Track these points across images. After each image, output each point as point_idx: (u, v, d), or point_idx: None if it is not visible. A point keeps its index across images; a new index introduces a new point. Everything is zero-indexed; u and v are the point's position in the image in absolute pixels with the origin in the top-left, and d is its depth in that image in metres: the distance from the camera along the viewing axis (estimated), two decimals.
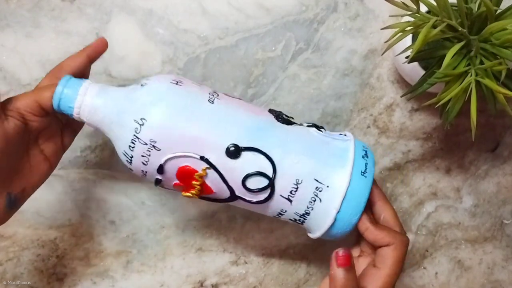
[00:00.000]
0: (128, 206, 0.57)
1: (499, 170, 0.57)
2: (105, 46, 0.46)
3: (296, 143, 0.42)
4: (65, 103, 0.41)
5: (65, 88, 0.41)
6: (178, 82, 0.41)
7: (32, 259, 0.57)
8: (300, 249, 0.58)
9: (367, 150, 0.44)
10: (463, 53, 0.43)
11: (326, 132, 0.45)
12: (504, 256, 0.58)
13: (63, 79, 0.41)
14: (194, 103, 0.40)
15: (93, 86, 0.41)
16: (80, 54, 0.45)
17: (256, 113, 0.43)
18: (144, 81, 0.42)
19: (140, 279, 0.57)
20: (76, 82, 0.41)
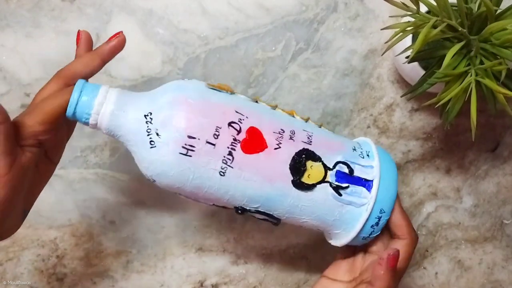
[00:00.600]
0: (128, 206, 0.57)
1: (499, 170, 0.57)
2: (124, 43, 0.42)
3: (305, 210, 0.42)
4: (82, 110, 0.38)
5: (81, 94, 0.38)
6: (188, 151, 0.38)
7: (32, 259, 0.57)
8: (300, 249, 0.58)
9: (383, 214, 0.42)
10: (463, 53, 0.43)
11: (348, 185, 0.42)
12: (504, 256, 0.58)
13: (78, 84, 0.38)
14: (202, 179, 0.39)
15: (112, 91, 0.39)
16: (94, 58, 0.41)
17: (272, 180, 0.40)
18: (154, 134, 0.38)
19: (140, 279, 0.57)
20: (93, 87, 0.38)
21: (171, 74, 0.54)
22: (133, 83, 0.54)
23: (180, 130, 0.37)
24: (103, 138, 0.55)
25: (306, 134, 0.42)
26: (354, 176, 0.42)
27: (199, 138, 0.38)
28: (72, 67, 0.40)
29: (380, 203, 0.42)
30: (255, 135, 0.40)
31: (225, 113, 0.39)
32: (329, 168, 0.41)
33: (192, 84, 0.41)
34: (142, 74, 0.55)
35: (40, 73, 0.54)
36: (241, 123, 0.39)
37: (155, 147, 0.38)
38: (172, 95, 0.39)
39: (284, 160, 0.40)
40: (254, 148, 0.39)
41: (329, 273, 0.47)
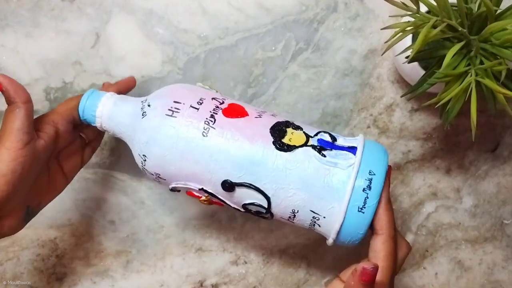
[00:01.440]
0: (127, 206, 0.57)
1: (499, 170, 0.57)
2: (133, 84, 0.51)
3: (291, 176, 0.40)
4: (88, 112, 0.45)
5: (88, 99, 0.45)
6: (173, 112, 0.42)
7: (32, 258, 0.57)
8: (300, 249, 0.58)
9: (373, 176, 0.40)
10: (463, 53, 0.42)
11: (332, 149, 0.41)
12: (504, 256, 0.58)
13: (87, 92, 0.45)
14: (187, 140, 0.41)
15: (112, 97, 0.45)
16: (112, 86, 0.49)
17: (253, 139, 0.41)
18: (146, 106, 0.43)
19: (139, 278, 0.57)
20: (98, 94, 0.45)
21: (171, 74, 0.54)
22: None
23: (167, 97, 0.43)
24: (103, 138, 0.55)
25: (287, 119, 0.44)
26: (337, 144, 0.42)
27: (183, 103, 0.42)
28: None
29: (368, 164, 0.40)
30: (237, 107, 0.44)
31: (208, 93, 0.44)
32: (311, 136, 0.42)
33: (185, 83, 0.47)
34: (142, 74, 0.55)
35: (40, 73, 0.54)
36: (224, 101, 0.44)
37: (146, 116, 0.42)
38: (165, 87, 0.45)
39: (265, 124, 0.42)
40: (235, 114, 0.43)
41: (344, 276, 0.44)
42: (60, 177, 0.46)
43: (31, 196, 0.42)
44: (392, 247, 0.40)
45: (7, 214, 0.40)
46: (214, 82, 0.55)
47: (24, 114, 0.39)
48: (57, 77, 0.54)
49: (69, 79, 0.55)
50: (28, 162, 0.39)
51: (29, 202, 0.42)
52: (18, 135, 0.39)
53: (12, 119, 0.39)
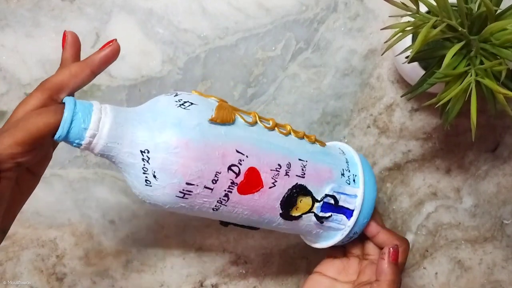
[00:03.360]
0: (127, 206, 0.57)
1: (499, 170, 0.57)
2: (117, 53, 0.38)
3: (286, 229, 0.46)
4: (73, 138, 0.34)
5: (73, 121, 0.33)
6: (185, 195, 0.37)
7: (32, 258, 0.57)
8: (300, 249, 0.58)
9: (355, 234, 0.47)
10: (463, 53, 0.43)
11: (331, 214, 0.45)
12: (504, 256, 0.58)
13: (68, 107, 0.34)
14: (195, 212, 0.40)
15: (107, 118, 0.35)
16: (84, 68, 0.36)
17: (261, 214, 0.42)
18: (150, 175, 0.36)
19: (140, 278, 0.57)
20: (84, 112, 0.34)
21: (171, 74, 0.54)
22: (133, 82, 0.54)
23: (178, 177, 0.36)
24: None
25: (300, 165, 0.42)
26: (338, 206, 0.45)
27: (197, 185, 0.37)
28: (59, 79, 0.36)
29: (355, 227, 0.46)
30: (253, 176, 0.40)
31: (225, 155, 0.37)
32: (317, 200, 0.44)
33: (194, 119, 0.37)
34: (142, 74, 0.55)
35: (40, 73, 0.54)
36: (241, 164, 0.38)
37: (151, 187, 0.36)
38: (171, 134, 0.35)
39: (277, 198, 0.42)
40: (250, 189, 0.40)
41: (321, 269, 0.48)
42: (29, 179, 0.38)
43: (6, 218, 0.36)
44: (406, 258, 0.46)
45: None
46: (214, 82, 0.55)
47: None
48: None
49: None
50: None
51: (3, 226, 0.36)
52: None
53: None
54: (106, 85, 0.54)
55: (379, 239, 0.45)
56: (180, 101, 0.37)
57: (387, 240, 0.45)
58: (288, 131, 0.44)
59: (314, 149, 0.45)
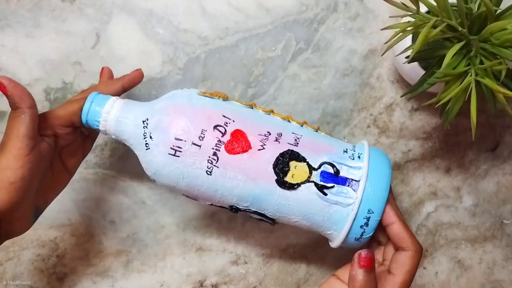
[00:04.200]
0: (128, 206, 0.57)
1: (499, 169, 0.57)
2: (141, 78, 0.49)
3: (293, 210, 0.43)
4: (92, 118, 0.43)
5: (92, 103, 0.43)
6: (176, 152, 0.41)
7: (32, 258, 0.57)
8: (300, 249, 0.58)
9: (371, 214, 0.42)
10: (463, 53, 0.43)
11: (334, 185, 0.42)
12: (504, 255, 0.58)
13: (90, 95, 0.43)
14: (192, 178, 0.42)
15: (118, 102, 0.44)
16: (116, 82, 0.47)
17: (256, 179, 0.42)
18: (148, 138, 0.42)
19: (140, 278, 0.57)
20: (102, 98, 0.43)
21: (171, 74, 0.54)
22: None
23: (168, 133, 0.41)
24: (103, 138, 0.55)
25: (294, 136, 0.43)
26: (340, 176, 0.42)
27: (185, 140, 0.41)
28: (97, 87, 0.47)
29: (367, 203, 0.42)
30: (240, 136, 0.42)
31: (211, 117, 0.42)
32: (314, 168, 0.42)
33: (185, 92, 0.44)
34: None
35: (40, 73, 0.54)
36: (227, 126, 0.42)
37: (149, 149, 0.42)
38: (165, 102, 0.43)
39: (267, 160, 0.42)
40: (238, 149, 0.41)
41: (340, 274, 0.46)
42: (63, 173, 0.46)
43: (39, 196, 0.43)
44: (417, 262, 0.42)
45: (17, 218, 0.41)
46: (214, 82, 0.55)
47: (29, 120, 0.39)
48: (57, 78, 0.54)
49: (69, 79, 0.55)
50: (35, 167, 0.39)
51: (37, 202, 0.43)
52: (24, 142, 0.38)
53: (17, 125, 0.39)
54: None
55: (392, 230, 0.43)
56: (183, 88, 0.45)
57: (400, 234, 0.42)
58: (286, 117, 0.45)
59: (315, 132, 0.46)
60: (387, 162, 0.44)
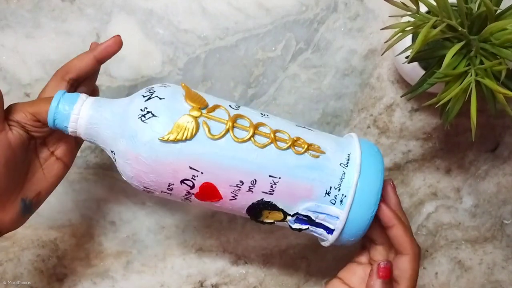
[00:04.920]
0: (128, 207, 0.57)
1: (499, 170, 0.57)
2: (119, 46, 0.44)
3: None
4: (60, 121, 0.39)
5: (59, 104, 0.39)
6: (149, 192, 0.41)
7: (32, 259, 0.57)
8: (300, 250, 0.58)
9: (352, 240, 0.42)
10: (463, 53, 0.43)
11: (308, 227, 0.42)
12: (504, 256, 0.58)
13: (56, 95, 0.39)
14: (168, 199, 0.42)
15: (87, 102, 0.40)
16: (87, 54, 0.43)
17: (232, 212, 0.42)
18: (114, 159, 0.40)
19: (140, 279, 0.57)
20: (69, 99, 0.39)
21: (171, 74, 0.54)
22: (133, 83, 0.54)
23: (136, 182, 0.40)
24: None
25: (270, 181, 0.40)
26: (315, 222, 0.42)
27: (154, 189, 0.40)
28: (68, 65, 0.44)
29: (344, 240, 0.42)
30: (209, 189, 0.39)
31: (177, 171, 0.38)
32: (289, 214, 0.41)
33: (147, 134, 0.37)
34: (142, 74, 0.55)
35: (40, 73, 0.54)
36: (195, 179, 0.39)
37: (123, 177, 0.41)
38: (126, 145, 0.38)
39: (242, 207, 0.41)
40: (208, 199, 0.40)
41: (344, 276, 0.45)
42: (55, 163, 0.44)
43: (26, 188, 0.42)
44: (418, 265, 0.42)
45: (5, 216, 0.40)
46: (214, 82, 0.55)
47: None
48: None
49: None
50: (5, 152, 0.38)
51: (23, 195, 0.42)
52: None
53: None
54: (106, 86, 0.54)
55: (392, 233, 0.41)
56: (144, 110, 0.38)
57: (399, 238, 0.41)
58: (268, 142, 0.40)
59: (299, 162, 0.40)
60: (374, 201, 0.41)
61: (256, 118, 0.41)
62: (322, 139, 0.42)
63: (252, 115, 0.41)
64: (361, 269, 0.45)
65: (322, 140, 0.42)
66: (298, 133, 0.42)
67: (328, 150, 0.41)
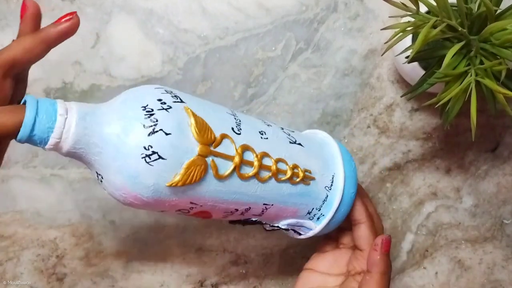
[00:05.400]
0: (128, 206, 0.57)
1: (499, 170, 0.57)
2: (75, 29, 0.34)
3: None
4: (40, 136, 0.31)
5: (37, 118, 0.31)
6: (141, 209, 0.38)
7: (32, 259, 0.57)
8: (301, 249, 0.58)
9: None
10: (463, 53, 0.43)
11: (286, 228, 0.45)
12: (504, 256, 0.58)
13: (30, 106, 0.31)
14: None
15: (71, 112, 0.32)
16: (38, 43, 0.34)
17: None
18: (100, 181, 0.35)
19: (140, 279, 0.57)
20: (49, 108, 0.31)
21: (171, 74, 0.54)
22: (133, 83, 0.54)
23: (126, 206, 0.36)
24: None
25: (263, 208, 0.41)
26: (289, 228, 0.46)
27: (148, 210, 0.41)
28: (11, 53, 0.33)
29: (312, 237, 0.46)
30: (203, 214, 0.39)
31: (177, 206, 0.36)
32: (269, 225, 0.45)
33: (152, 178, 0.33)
34: (142, 74, 0.55)
35: (39, 73, 0.54)
36: (191, 209, 0.38)
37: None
38: (124, 183, 0.33)
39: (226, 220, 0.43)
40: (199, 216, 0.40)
41: (312, 265, 0.48)
42: None
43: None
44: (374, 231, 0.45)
45: None
46: (214, 82, 0.55)
47: None
48: (57, 78, 0.54)
49: (69, 79, 0.55)
50: None
51: None
52: None
53: None
54: (106, 86, 0.54)
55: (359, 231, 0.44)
56: (148, 149, 0.33)
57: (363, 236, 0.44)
58: (269, 176, 0.39)
59: (292, 191, 0.41)
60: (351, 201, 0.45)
61: (258, 143, 0.39)
62: (313, 159, 0.44)
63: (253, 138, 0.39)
64: (329, 254, 0.48)
65: (312, 161, 0.43)
66: (293, 154, 0.42)
67: (317, 174, 0.43)
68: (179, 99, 0.36)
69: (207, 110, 0.37)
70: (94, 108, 0.34)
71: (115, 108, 0.34)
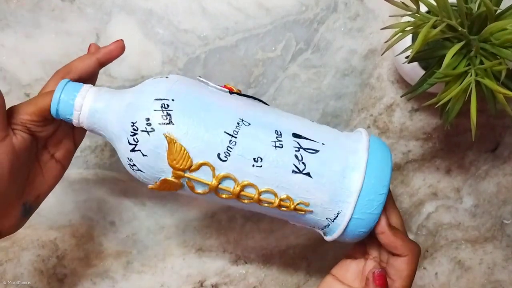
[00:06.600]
0: (128, 207, 0.57)
1: (499, 170, 0.57)
2: (121, 50, 0.44)
3: None
4: (63, 110, 0.39)
5: (62, 94, 0.39)
6: None
7: (32, 259, 0.57)
8: (300, 250, 0.58)
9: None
10: (463, 53, 0.43)
11: None
12: (504, 256, 0.58)
13: (60, 84, 0.39)
14: None
15: (91, 90, 0.39)
16: (90, 56, 0.43)
17: None
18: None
19: (140, 279, 0.57)
20: (73, 87, 0.39)
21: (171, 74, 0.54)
22: (133, 83, 0.54)
23: None
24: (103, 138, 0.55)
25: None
26: None
27: None
28: (69, 65, 0.43)
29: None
30: None
31: None
32: None
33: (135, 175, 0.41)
34: (142, 74, 0.55)
35: (40, 73, 0.54)
36: None
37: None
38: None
39: None
40: None
41: (337, 273, 0.45)
42: (54, 166, 0.44)
43: (27, 192, 0.41)
44: (415, 266, 0.41)
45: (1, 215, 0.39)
46: (214, 82, 0.55)
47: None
48: None
49: None
50: (6, 160, 0.37)
51: (24, 200, 0.41)
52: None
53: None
54: (107, 86, 0.54)
55: (382, 241, 0.41)
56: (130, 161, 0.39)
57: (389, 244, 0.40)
58: (252, 201, 0.39)
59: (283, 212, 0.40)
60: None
61: (245, 172, 0.38)
62: (318, 192, 0.39)
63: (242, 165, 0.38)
64: (354, 264, 0.45)
65: (317, 194, 0.39)
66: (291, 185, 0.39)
67: (318, 207, 0.39)
68: (168, 120, 0.37)
69: (198, 132, 0.37)
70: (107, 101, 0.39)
71: (119, 109, 0.39)
